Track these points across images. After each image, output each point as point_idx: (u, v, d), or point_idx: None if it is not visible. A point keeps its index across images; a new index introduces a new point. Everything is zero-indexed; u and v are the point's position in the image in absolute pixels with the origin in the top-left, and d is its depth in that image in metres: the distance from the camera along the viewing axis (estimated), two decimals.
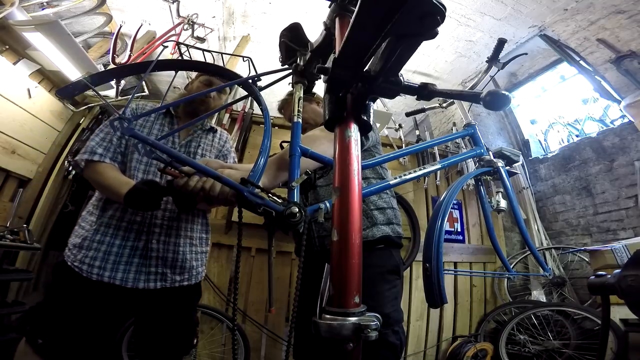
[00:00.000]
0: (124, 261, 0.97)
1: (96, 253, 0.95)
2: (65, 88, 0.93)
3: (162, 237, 1.03)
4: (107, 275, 0.94)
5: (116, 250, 0.97)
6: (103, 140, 1.05)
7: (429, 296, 0.79)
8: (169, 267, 1.03)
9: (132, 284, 0.97)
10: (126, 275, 0.97)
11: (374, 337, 0.40)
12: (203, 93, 1.13)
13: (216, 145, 1.25)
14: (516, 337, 2.25)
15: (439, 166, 0.97)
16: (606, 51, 2.51)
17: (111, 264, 0.96)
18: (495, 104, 0.45)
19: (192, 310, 1.19)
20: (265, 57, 3.32)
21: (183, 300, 1.08)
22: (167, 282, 1.02)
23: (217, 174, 0.62)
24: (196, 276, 1.12)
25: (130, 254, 0.99)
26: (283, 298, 2.11)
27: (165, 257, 1.03)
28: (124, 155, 1.07)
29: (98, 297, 0.94)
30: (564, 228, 2.85)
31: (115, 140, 1.06)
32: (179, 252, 1.06)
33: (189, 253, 1.09)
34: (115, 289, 0.95)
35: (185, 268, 1.07)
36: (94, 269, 0.94)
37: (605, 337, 0.77)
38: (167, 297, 1.03)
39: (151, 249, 1.01)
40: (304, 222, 0.60)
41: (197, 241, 1.13)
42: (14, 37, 1.90)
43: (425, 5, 0.33)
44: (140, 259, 0.99)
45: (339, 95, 0.50)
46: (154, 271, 1.00)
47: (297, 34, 0.82)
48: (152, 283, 1.00)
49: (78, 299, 0.93)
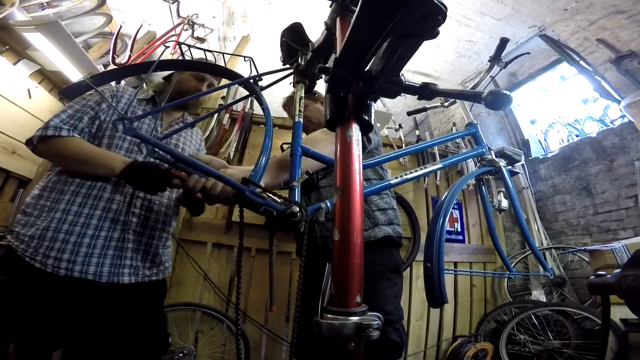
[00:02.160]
0: (97, 253, 0.88)
1: (63, 245, 0.86)
2: (69, 88, 0.93)
3: (139, 228, 0.98)
4: (77, 269, 0.85)
5: (88, 242, 0.88)
6: (70, 117, 0.98)
7: (429, 296, 0.79)
8: (141, 260, 0.98)
9: (108, 279, 0.89)
10: (100, 269, 0.88)
11: (375, 336, 0.40)
12: (204, 93, 1.13)
13: (194, 141, 1.24)
14: (516, 337, 2.25)
15: (440, 166, 0.97)
16: (606, 51, 2.52)
17: (82, 256, 0.86)
18: (496, 103, 0.45)
19: (160, 306, 1.13)
20: (265, 57, 3.32)
21: (153, 295, 1.04)
22: (139, 277, 0.96)
23: (219, 173, 0.62)
24: (164, 271, 1.09)
25: (104, 245, 0.90)
26: (283, 298, 2.11)
27: (138, 250, 0.97)
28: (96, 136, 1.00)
29: (68, 295, 0.85)
30: (564, 228, 2.85)
31: (87, 120, 0.99)
32: (152, 246, 1.02)
33: (161, 247, 1.06)
34: (87, 284, 0.86)
35: (155, 262, 1.03)
36: (62, 262, 0.84)
37: (606, 337, 0.77)
38: (138, 292, 0.97)
39: (127, 239, 0.94)
40: (304, 221, 0.60)
41: (169, 235, 1.12)
42: (14, 37, 1.90)
43: (426, 5, 0.33)
44: (115, 251, 0.91)
45: (340, 95, 0.50)
46: (128, 264, 0.94)
47: (299, 34, 0.82)
48: (125, 277, 0.92)
49: (46, 298, 0.84)
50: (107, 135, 1.00)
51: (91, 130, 1.00)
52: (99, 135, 1.00)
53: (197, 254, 2.05)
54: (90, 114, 1.01)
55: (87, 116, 1.00)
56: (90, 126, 1.00)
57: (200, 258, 2.05)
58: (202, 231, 2.11)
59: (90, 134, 1.00)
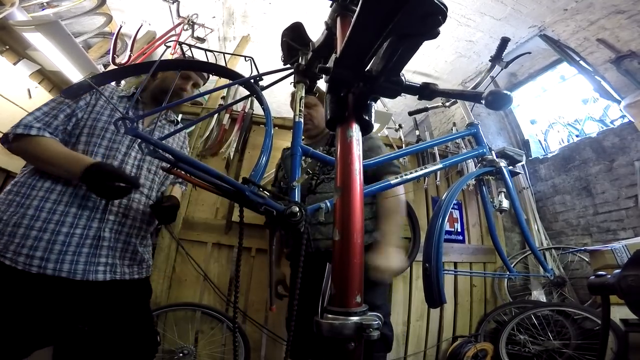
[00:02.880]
0: (72, 251, 0.87)
1: (36, 242, 0.84)
2: (70, 88, 0.93)
3: (116, 226, 0.97)
4: (50, 267, 0.84)
5: (62, 239, 0.87)
6: (45, 114, 0.96)
7: (428, 296, 0.79)
8: (119, 258, 0.97)
9: (82, 276, 0.87)
10: (74, 266, 0.87)
11: (375, 336, 0.40)
12: (202, 94, 1.13)
13: (177, 140, 1.23)
14: (516, 337, 2.25)
15: (440, 166, 0.98)
16: (606, 51, 2.52)
17: (56, 254, 0.85)
18: (496, 103, 0.46)
19: (145, 305, 1.11)
20: (265, 57, 3.32)
21: (134, 294, 1.03)
22: (116, 275, 0.95)
23: (220, 173, 0.62)
24: (147, 269, 1.08)
25: (79, 242, 0.89)
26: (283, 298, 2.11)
27: (115, 248, 0.96)
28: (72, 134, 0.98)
29: (41, 293, 0.83)
30: (564, 228, 2.85)
31: (62, 117, 0.97)
32: (131, 244, 1.01)
33: (140, 246, 1.05)
34: (60, 282, 0.85)
35: (135, 260, 1.03)
36: (34, 260, 0.83)
37: (606, 337, 0.77)
38: (117, 290, 0.96)
39: (103, 237, 0.93)
40: (304, 221, 0.60)
41: (148, 234, 1.11)
42: (14, 37, 1.90)
43: (426, 5, 0.33)
44: (90, 249, 0.90)
45: (341, 95, 0.50)
46: (103, 262, 0.92)
47: (299, 34, 0.82)
48: (100, 275, 0.91)
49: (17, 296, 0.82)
50: (85, 133, 0.99)
51: (66, 128, 0.98)
52: (76, 134, 0.99)
53: (197, 254, 2.05)
54: (67, 111, 0.99)
55: (63, 114, 0.98)
56: (66, 124, 0.98)
57: (200, 258, 2.05)
58: (202, 231, 2.11)
59: (65, 131, 0.98)
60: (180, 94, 1.17)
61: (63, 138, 0.98)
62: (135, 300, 1.03)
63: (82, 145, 0.97)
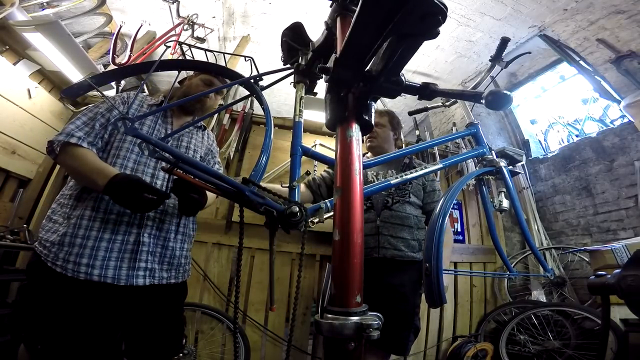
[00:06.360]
0: (115, 257, 0.91)
1: (82, 250, 0.88)
2: (70, 88, 0.93)
3: (154, 231, 0.99)
4: (96, 273, 0.88)
5: (105, 246, 0.90)
6: (85, 124, 0.99)
7: (428, 296, 0.79)
8: (158, 263, 1.00)
9: (125, 282, 0.91)
10: (118, 272, 0.90)
11: (375, 336, 0.40)
12: (205, 93, 1.13)
13: (206, 143, 1.25)
14: (516, 337, 2.25)
15: (440, 165, 0.98)
16: (606, 51, 2.51)
17: (100, 260, 0.89)
18: (496, 103, 0.46)
19: (179, 309, 1.15)
20: (265, 57, 3.32)
21: (170, 298, 1.05)
22: (155, 279, 0.98)
23: (219, 173, 0.62)
24: (183, 274, 1.10)
25: (121, 249, 0.92)
26: (283, 298, 2.11)
27: (154, 253, 0.99)
28: (108, 143, 1.01)
29: (89, 298, 0.88)
30: (564, 228, 2.85)
31: (98, 127, 1.00)
32: (169, 248, 1.03)
33: (179, 250, 1.07)
34: (106, 287, 0.89)
35: (173, 265, 1.04)
36: (81, 267, 0.87)
37: (606, 337, 0.77)
38: (155, 295, 0.99)
39: (142, 242, 0.95)
40: (304, 221, 0.60)
41: (187, 238, 1.12)
42: (14, 37, 1.90)
43: (426, 5, 0.33)
44: (131, 254, 0.94)
45: (341, 95, 0.50)
46: (143, 267, 0.95)
47: (299, 34, 0.82)
48: (140, 279, 0.94)
49: (68, 301, 0.86)
50: (117, 139, 1.01)
51: (104, 136, 1.01)
52: (111, 141, 1.01)
53: (197, 254, 2.04)
54: (101, 120, 1.02)
55: (98, 123, 1.01)
56: (102, 133, 1.01)
57: (200, 258, 2.05)
58: (202, 231, 2.10)
59: (103, 140, 1.01)
60: (203, 100, 1.18)
61: (104, 147, 1.01)
62: (169, 304, 1.05)
63: (123, 151, 1.00)
